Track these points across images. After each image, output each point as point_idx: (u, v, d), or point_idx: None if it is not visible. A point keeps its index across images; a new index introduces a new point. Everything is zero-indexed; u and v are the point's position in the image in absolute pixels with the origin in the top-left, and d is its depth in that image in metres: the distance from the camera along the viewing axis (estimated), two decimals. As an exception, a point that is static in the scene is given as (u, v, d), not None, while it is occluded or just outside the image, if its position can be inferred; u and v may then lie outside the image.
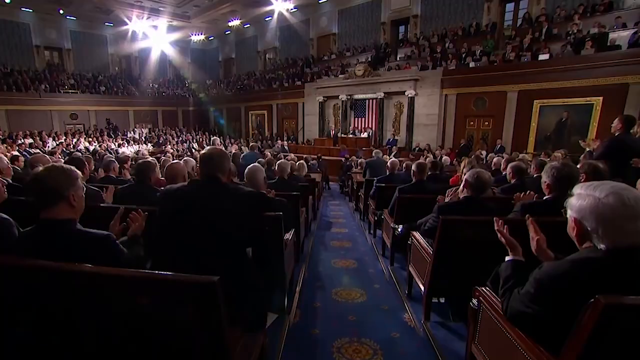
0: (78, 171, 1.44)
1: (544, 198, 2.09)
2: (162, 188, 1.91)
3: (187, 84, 22.74)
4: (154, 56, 20.93)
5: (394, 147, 10.71)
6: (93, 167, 4.14)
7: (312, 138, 14.65)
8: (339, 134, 13.10)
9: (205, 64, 23.83)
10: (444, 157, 7.37)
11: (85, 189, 1.49)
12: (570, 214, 1.16)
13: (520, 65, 10.03)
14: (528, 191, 2.52)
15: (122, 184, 3.03)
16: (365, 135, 12.68)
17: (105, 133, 15.33)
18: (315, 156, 8.93)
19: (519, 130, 10.23)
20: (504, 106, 10.46)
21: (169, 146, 13.15)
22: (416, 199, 3.13)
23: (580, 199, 1.12)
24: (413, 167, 3.55)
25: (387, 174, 4.63)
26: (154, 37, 19.66)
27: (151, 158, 4.07)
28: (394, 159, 5.23)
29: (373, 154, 6.55)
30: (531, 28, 10.87)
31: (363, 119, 13.30)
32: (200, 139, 17.00)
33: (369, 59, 14.15)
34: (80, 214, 1.43)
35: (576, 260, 1.09)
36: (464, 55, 11.52)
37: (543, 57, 9.71)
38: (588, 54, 8.96)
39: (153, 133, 16.73)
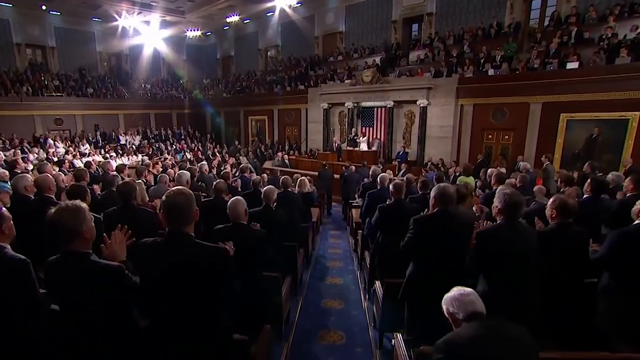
0: (85, 206, 1.77)
1: (498, 222, 2.45)
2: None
3: (182, 84, 22.81)
4: (146, 54, 21.02)
5: (403, 163, 10.48)
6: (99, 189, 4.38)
7: (316, 148, 14.58)
8: (342, 147, 12.93)
9: (201, 62, 23.91)
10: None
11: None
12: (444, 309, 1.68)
13: (546, 75, 9.79)
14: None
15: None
16: (374, 148, 12.49)
17: (92, 143, 15.30)
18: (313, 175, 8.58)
19: (543, 146, 9.97)
20: (526, 119, 10.24)
21: (166, 156, 13.07)
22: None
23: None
24: (390, 187, 3.72)
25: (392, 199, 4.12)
26: (146, 34, 19.72)
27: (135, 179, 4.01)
28: (384, 174, 5.00)
29: (374, 175, 6.03)
30: (559, 31, 10.55)
31: (371, 128, 13.14)
32: (195, 148, 16.98)
33: (378, 62, 13.94)
34: (92, 241, 1.78)
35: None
36: (482, 61, 11.27)
37: (572, 65, 9.43)
38: (624, 63, 8.66)
39: (145, 141, 16.71)
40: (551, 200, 2.50)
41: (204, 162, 6.61)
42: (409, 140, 12.45)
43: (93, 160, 10.89)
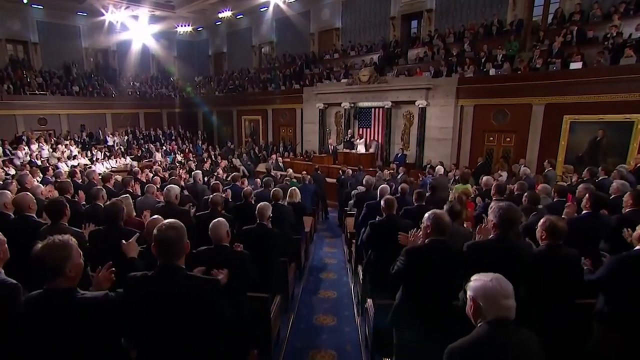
0: (74, 241, 1.78)
1: (490, 237, 2.56)
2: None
3: (172, 82, 22.75)
4: (135, 50, 20.98)
5: (401, 166, 10.53)
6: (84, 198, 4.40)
7: (312, 150, 14.61)
8: (339, 149, 12.96)
9: (193, 59, 23.88)
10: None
11: None
12: (469, 294, 1.64)
13: (549, 75, 9.84)
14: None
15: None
16: (371, 150, 12.52)
17: (78, 143, 15.19)
18: (308, 176, 8.48)
19: (546, 149, 10.04)
20: (528, 121, 10.29)
21: (157, 159, 13.04)
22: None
23: (475, 282, 1.64)
24: (382, 202, 3.75)
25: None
26: (134, 29, 19.66)
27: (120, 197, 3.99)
28: (384, 186, 5.04)
29: (367, 185, 6.01)
30: (563, 29, 10.60)
31: (368, 130, 13.18)
32: (187, 149, 16.96)
33: (376, 61, 13.97)
34: (79, 279, 1.77)
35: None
36: (483, 60, 11.33)
37: (575, 65, 9.48)
38: (629, 63, 8.71)
39: (134, 143, 16.66)
40: (541, 221, 2.54)
41: (199, 172, 6.60)
42: (407, 142, 12.50)
43: (79, 164, 10.92)
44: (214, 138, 19.81)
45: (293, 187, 5.46)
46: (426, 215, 2.62)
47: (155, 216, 2.87)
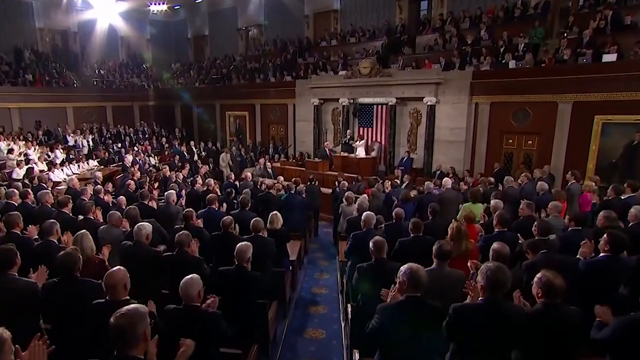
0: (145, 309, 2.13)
1: (479, 299, 2.62)
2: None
3: (145, 69, 22.81)
4: (100, 32, 20.81)
5: (406, 173, 10.63)
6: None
7: (306, 152, 14.74)
8: (336, 150, 13.07)
9: (169, 43, 24.03)
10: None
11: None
12: None
13: (578, 68, 9.90)
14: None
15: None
16: (373, 153, 12.62)
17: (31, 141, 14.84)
18: (298, 186, 8.44)
19: (574, 154, 10.15)
20: (553, 121, 10.37)
21: (128, 162, 12.94)
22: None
23: None
24: (370, 244, 3.81)
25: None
26: (99, 7, 19.49)
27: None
28: (369, 213, 5.09)
29: (360, 209, 5.94)
30: (596, 14, 10.61)
31: (370, 129, 13.28)
32: (167, 152, 16.90)
33: (379, 50, 14.05)
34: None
35: None
36: (502, 50, 11.41)
37: (609, 57, 9.54)
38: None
39: (100, 143, 16.64)
40: (537, 277, 2.64)
41: (172, 192, 6.67)
42: (414, 144, 12.58)
43: (35, 172, 10.91)
44: (194, 136, 19.87)
45: (274, 213, 5.53)
46: (402, 269, 2.74)
47: (118, 267, 2.91)
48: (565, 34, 10.89)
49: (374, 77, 12.48)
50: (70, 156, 14.25)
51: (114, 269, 2.89)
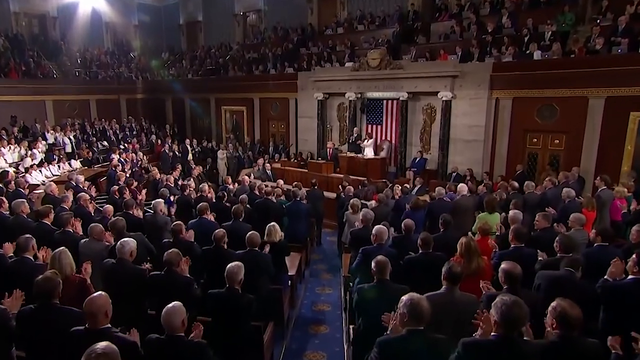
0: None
1: (492, 334, 2.59)
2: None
3: (133, 59, 22.92)
4: (82, 17, 20.86)
5: (418, 176, 10.65)
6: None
7: (309, 151, 14.83)
8: (342, 149, 13.11)
9: (159, 29, 24.21)
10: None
11: None
12: None
13: (612, 60, 9.83)
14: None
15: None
16: (382, 153, 12.65)
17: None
18: (300, 190, 8.24)
19: (607, 155, 10.08)
20: (583, 118, 10.29)
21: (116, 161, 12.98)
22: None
23: None
24: (372, 264, 3.83)
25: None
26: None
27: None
28: (381, 227, 5.06)
29: (365, 221, 5.87)
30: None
31: (379, 127, 13.32)
32: (154, 151, 16.96)
33: (390, 39, 14.05)
34: None
35: None
36: (526, 40, 11.38)
37: (647, 48, 9.50)
38: None
39: (83, 141, 16.73)
40: (551, 306, 2.65)
41: (160, 201, 6.71)
42: (427, 143, 12.60)
43: (10, 176, 10.96)
44: (187, 133, 19.98)
45: (272, 224, 5.59)
46: (403, 299, 2.75)
47: (99, 293, 2.96)
48: (598, 21, 10.80)
49: (384, 69, 12.49)
50: (55, 156, 14.26)
51: (95, 295, 2.95)
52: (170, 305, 2.95)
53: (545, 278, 3.83)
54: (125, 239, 4.28)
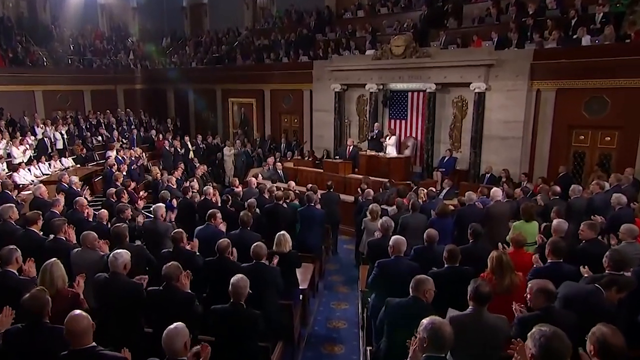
0: None
1: None
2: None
3: (131, 45, 23.17)
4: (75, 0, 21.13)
5: (447, 178, 10.60)
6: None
7: (325, 149, 14.89)
8: (362, 147, 13.15)
9: (160, 12, 24.49)
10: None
11: None
12: None
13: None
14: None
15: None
16: (407, 151, 12.64)
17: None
18: (315, 194, 8.26)
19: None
20: (639, 112, 10.17)
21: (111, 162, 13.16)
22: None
23: None
24: (412, 284, 3.83)
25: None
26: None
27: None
28: (399, 238, 5.05)
29: (384, 230, 5.88)
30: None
31: (403, 122, 13.31)
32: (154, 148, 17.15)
33: (416, 23, 14.02)
34: None
35: None
36: (573, 23, 11.25)
37: None
38: None
39: (76, 136, 16.95)
40: (592, 331, 2.59)
41: (161, 205, 6.80)
42: (457, 140, 12.59)
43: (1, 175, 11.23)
44: (190, 128, 20.20)
45: (282, 233, 5.64)
46: (423, 322, 2.75)
47: (78, 313, 2.96)
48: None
49: (409, 57, 12.48)
50: (48, 152, 14.46)
51: (76, 313, 2.94)
52: (172, 326, 2.94)
53: (564, 288, 3.82)
54: (118, 250, 4.29)
